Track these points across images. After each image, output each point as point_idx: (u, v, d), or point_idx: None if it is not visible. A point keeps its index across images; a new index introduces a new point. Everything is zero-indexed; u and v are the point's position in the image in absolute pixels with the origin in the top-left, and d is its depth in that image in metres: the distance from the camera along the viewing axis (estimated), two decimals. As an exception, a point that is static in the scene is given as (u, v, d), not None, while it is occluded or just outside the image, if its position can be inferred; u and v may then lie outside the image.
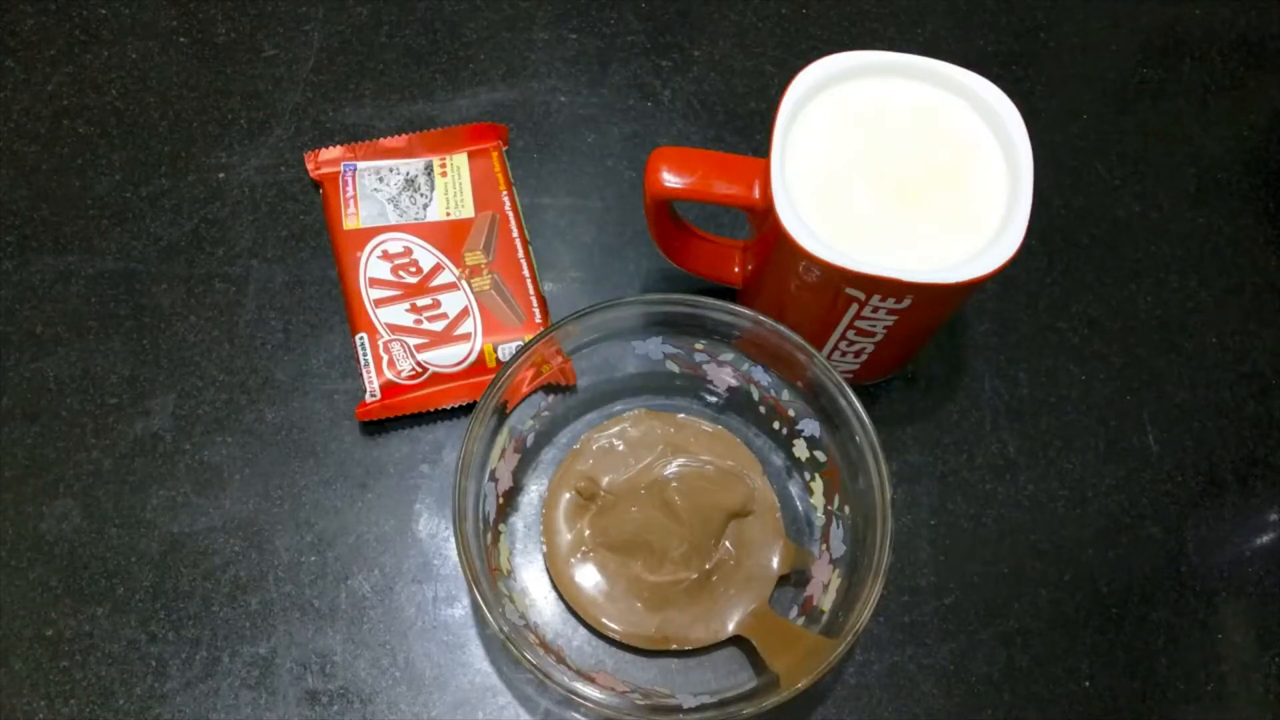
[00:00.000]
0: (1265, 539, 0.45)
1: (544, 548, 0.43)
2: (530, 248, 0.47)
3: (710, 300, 0.40)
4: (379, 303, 0.45)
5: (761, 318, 0.39)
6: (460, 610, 0.42)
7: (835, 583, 0.39)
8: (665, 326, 0.42)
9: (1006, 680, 0.42)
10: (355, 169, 0.48)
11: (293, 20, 0.53)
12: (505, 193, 0.48)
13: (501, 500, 0.42)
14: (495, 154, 0.49)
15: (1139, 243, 0.51)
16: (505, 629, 0.35)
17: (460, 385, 0.44)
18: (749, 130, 0.52)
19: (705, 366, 0.43)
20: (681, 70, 0.53)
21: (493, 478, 0.40)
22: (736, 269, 0.45)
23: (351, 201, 0.47)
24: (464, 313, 0.45)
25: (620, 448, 0.44)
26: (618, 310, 0.40)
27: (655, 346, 0.43)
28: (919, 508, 0.45)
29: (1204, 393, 0.48)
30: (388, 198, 0.47)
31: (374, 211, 0.47)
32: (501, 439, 0.40)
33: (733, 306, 0.40)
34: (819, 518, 0.43)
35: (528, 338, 0.43)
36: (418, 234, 0.46)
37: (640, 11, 0.55)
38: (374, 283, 0.45)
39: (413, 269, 0.46)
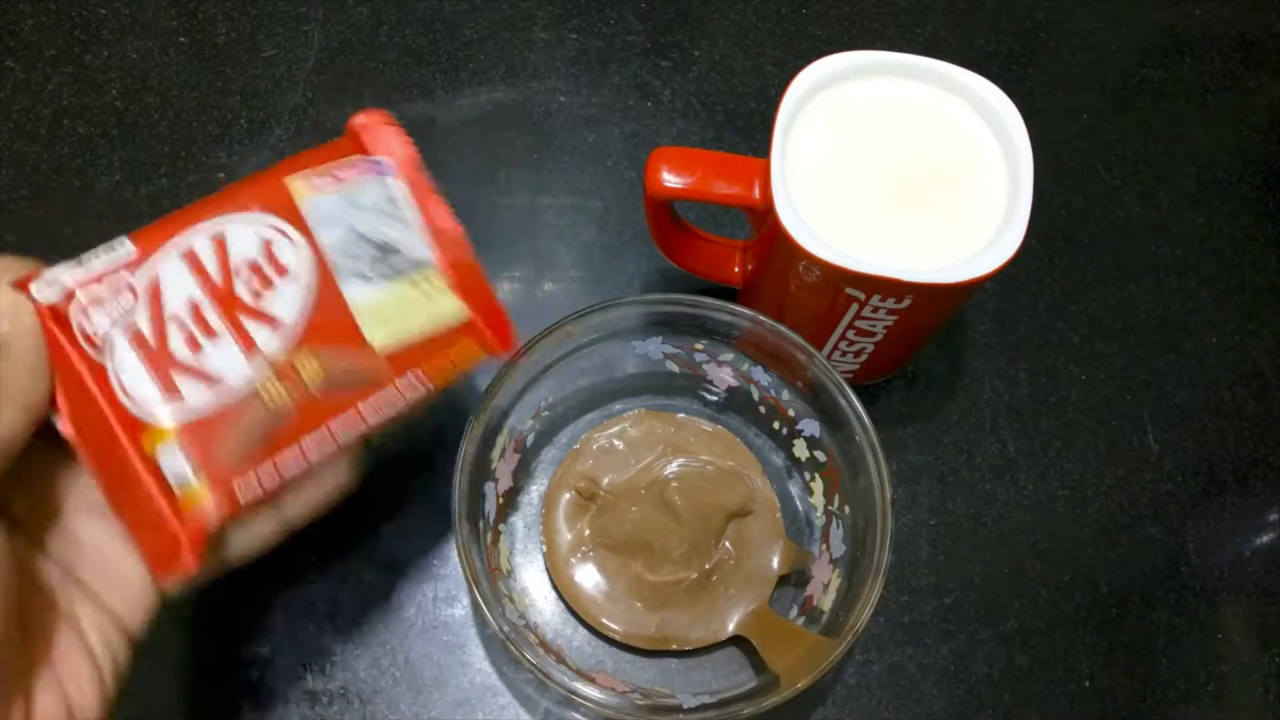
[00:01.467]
0: (1265, 539, 0.45)
1: (544, 548, 0.43)
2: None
3: (710, 300, 0.40)
4: (190, 256, 0.29)
5: (761, 318, 0.39)
6: (460, 610, 0.42)
7: (835, 583, 0.39)
8: (665, 326, 0.42)
9: (1006, 680, 0.42)
10: (385, 176, 0.33)
11: (293, 20, 0.53)
12: (426, 389, 0.32)
13: (501, 500, 0.42)
14: (479, 352, 0.34)
15: (1139, 243, 0.51)
16: (505, 629, 0.35)
17: (89, 408, 0.27)
18: (749, 130, 0.52)
19: (705, 366, 0.43)
20: (681, 70, 0.53)
21: (492, 477, 0.40)
22: (736, 269, 0.45)
23: (332, 180, 0.32)
24: (209, 381, 0.28)
25: (620, 448, 0.44)
26: (618, 310, 0.40)
27: (655, 346, 0.43)
28: (919, 508, 0.45)
29: (1204, 393, 0.48)
30: (356, 228, 0.31)
31: (330, 213, 0.31)
32: (501, 439, 0.40)
33: (733, 306, 0.40)
34: (819, 518, 0.43)
35: (196, 492, 0.28)
36: (319, 280, 0.30)
37: (640, 11, 0.55)
38: (217, 242, 0.29)
39: (259, 287, 0.29)
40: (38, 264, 0.28)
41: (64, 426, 0.27)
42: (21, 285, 0.27)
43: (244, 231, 0.30)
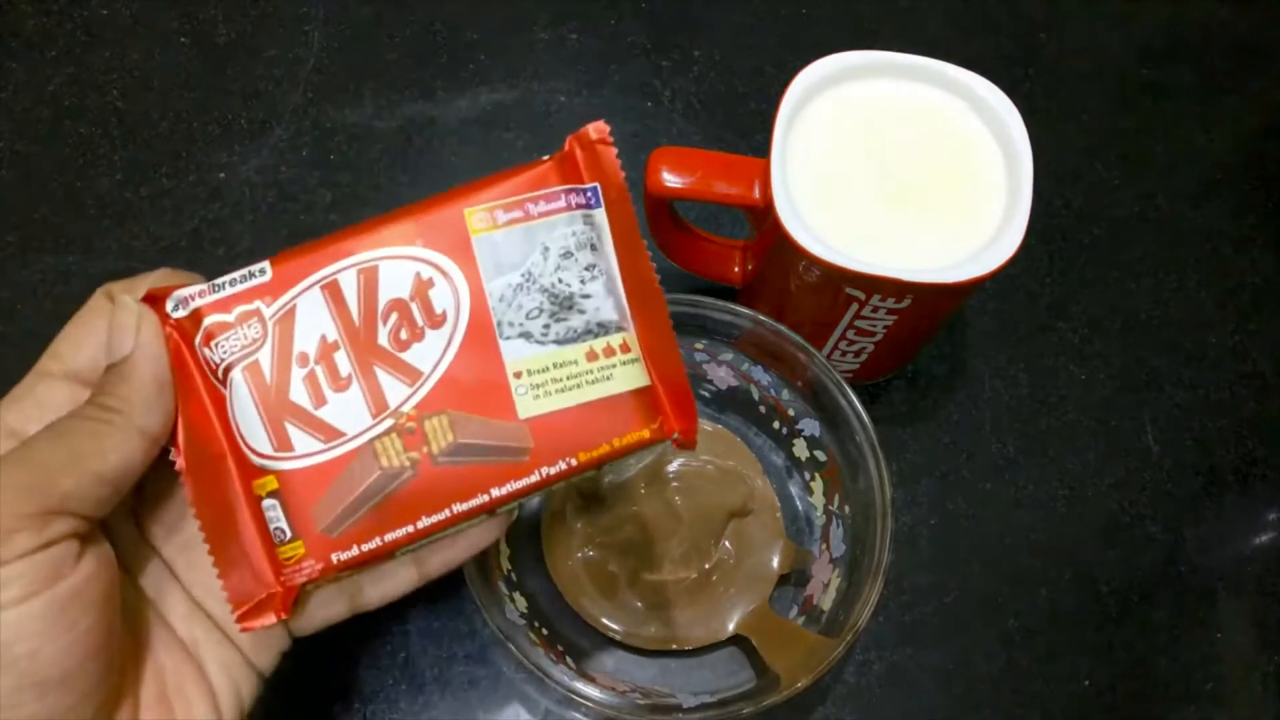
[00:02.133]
0: (1265, 539, 0.45)
1: (544, 547, 0.43)
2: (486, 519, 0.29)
3: (710, 300, 0.40)
4: (330, 289, 0.26)
5: (761, 318, 0.39)
6: (460, 610, 0.42)
7: (835, 582, 0.39)
8: (665, 326, 0.42)
9: (1006, 679, 0.42)
10: (592, 208, 0.27)
11: (293, 20, 0.54)
12: (571, 463, 0.27)
13: (502, 500, 0.42)
14: (650, 436, 0.27)
15: (1139, 243, 0.51)
16: (505, 629, 0.35)
17: (205, 436, 0.26)
18: (749, 130, 0.52)
19: (705, 366, 0.43)
20: (681, 70, 0.53)
21: (493, 477, 0.40)
22: (736, 269, 0.45)
23: (523, 214, 0.27)
24: (325, 434, 0.26)
25: (620, 447, 0.44)
26: (618, 310, 0.40)
27: (655, 346, 0.43)
28: (919, 507, 0.45)
29: (1204, 393, 0.48)
30: (534, 273, 0.27)
31: (510, 257, 0.27)
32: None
33: (733, 306, 0.40)
34: (819, 517, 0.43)
35: (297, 546, 0.26)
36: (471, 332, 0.26)
37: (640, 11, 0.55)
38: (366, 275, 0.26)
39: (405, 334, 0.26)
40: (191, 276, 0.27)
41: (176, 455, 0.26)
42: (152, 300, 0.25)
43: (399, 268, 0.26)
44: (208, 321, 0.25)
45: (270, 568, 0.26)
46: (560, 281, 0.27)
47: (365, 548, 0.26)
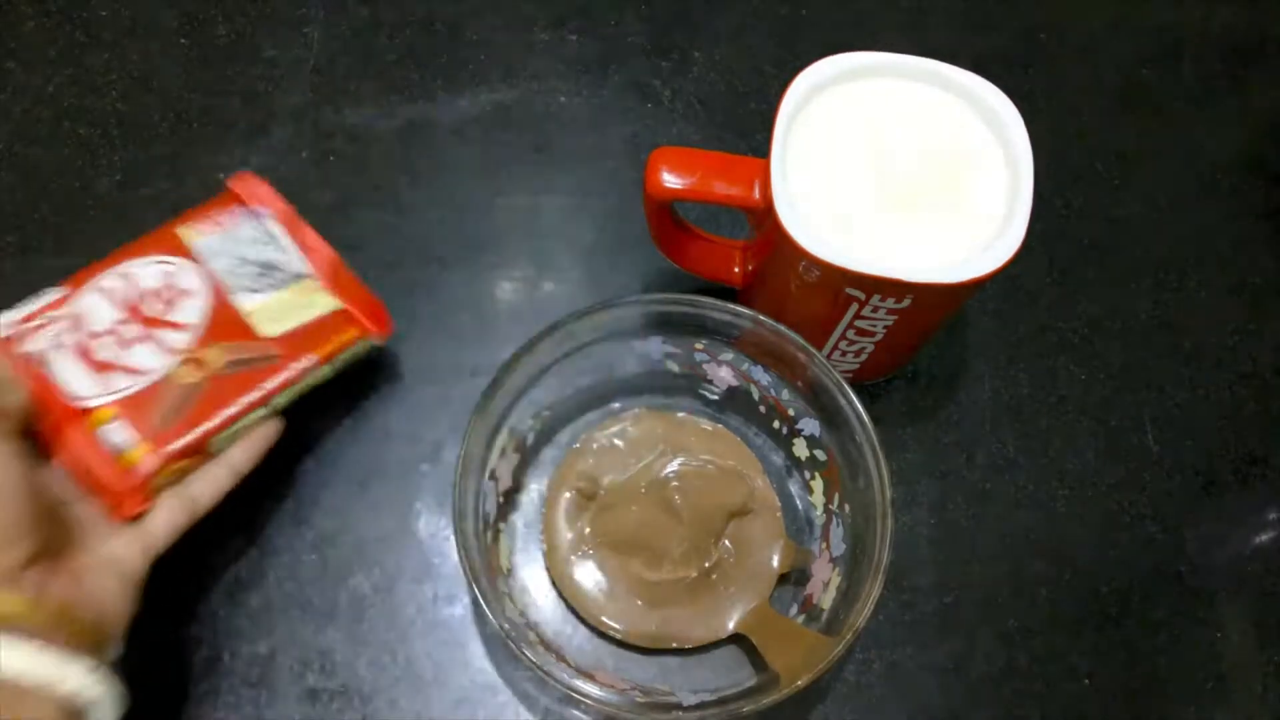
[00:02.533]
0: (1265, 538, 0.45)
1: (544, 546, 0.43)
2: (272, 414, 0.40)
3: (710, 300, 0.40)
4: (104, 291, 0.39)
5: (761, 318, 0.39)
6: (460, 609, 0.42)
7: (835, 581, 0.39)
8: (665, 326, 0.42)
9: (1006, 679, 0.42)
10: (259, 217, 0.42)
11: (293, 21, 0.54)
12: (312, 359, 0.40)
13: (501, 499, 0.42)
14: (355, 334, 0.42)
15: (1139, 243, 0.51)
16: (505, 627, 0.35)
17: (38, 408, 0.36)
18: (749, 130, 0.52)
19: (705, 366, 0.43)
20: (681, 70, 0.53)
21: (493, 477, 0.40)
22: (736, 269, 0.45)
23: (215, 225, 0.41)
24: (133, 374, 0.37)
25: (620, 447, 0.44)
26: (618, 310, 0.40)
27: (655, 346, 0.43)
28: (919, 507, 0.45)
29: (1204, 393, 0.48)
30: (241, 255, 0.41)
31: (215, 248, 0.41)
32: (501, 438, 0.40)
33: (733, 306, 0.40)
34: (819, 516, 0.43)
35: (136, 452, 0.36)
36: (213, 296, 0.40)
37: (640, 12, 0.55)
38: (126, 278, 0.39)
39: (163, 305, 0.39)
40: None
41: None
42: None
43: (146, 269, 0.40)
44: (19, 331, 0.38)
45: (115, 476, 0.36)
46: (258, 255, 0.42)
47: (187, 439, 0.37)
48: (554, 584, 0.42)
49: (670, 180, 0.38)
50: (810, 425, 0.42)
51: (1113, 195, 0.52)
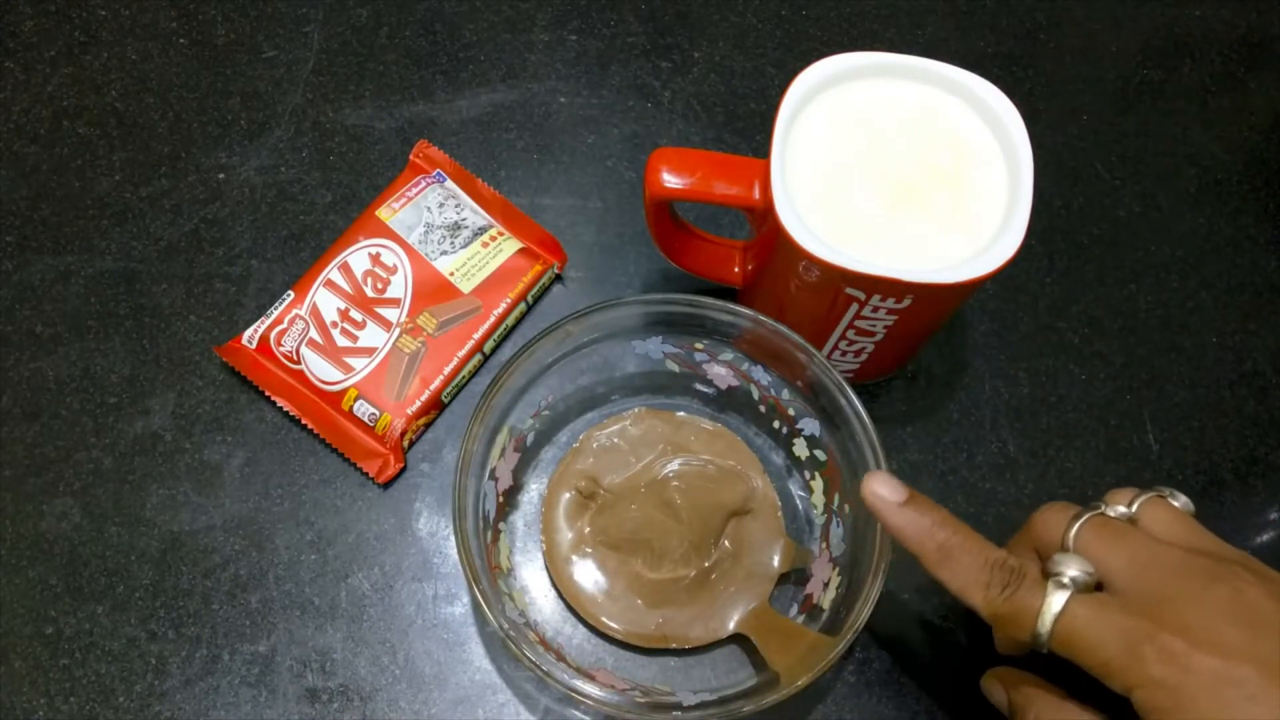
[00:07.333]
0: (1265, 538, 0.45)
1: (544, 546, 0.43)
2: (484, 359, 0.46)
3: (710, 300, 0.40)
4: (329, 284, 0.45)
5: (761, 318, 0.39)
6: (460, 608, 0.42)
7: (835, 581, 0.39)
8: (665, 326, 0.42)
9: (1006, 679, 0.42)
10: (442, 180, 0.48)
11: (293, 21, 0.54)
12: (508, 302, 0.46)
13: (501, 499, 0.42)
14: (541, 268, 0.47)
15: (1139, 243, 0.51)
16: (505, 627, 0.35)
17: (303, 397, 0.44)
18: (749, 130, 0.52)
19: (705, 366, 0.43)
20: (681, 71, 0.53)
21: (492, 476, 0.40)
22: (736, 269, 0.45)
23: (405, 200, 0.47)
24: (367, 353, 0.44)
25: (621, 446, 0.44)
26: (618, 310, 0.40)
27: (655, 346, 0.43)
28: (919, 507, 0.45)
29: (1204, 393, 0.48)
30: (430, 222, 0.47)
31: (409, 222, 0.47)
32: (501, 437, 0.40)
33: (733, 306, 0.40)
34: (819, 516, 0.43)
35: (385, 419, 0.43)
36: (414, 266, 0.46)
37: (640, 12, 0.55)
38: (344, 268, 0.45)
39: (379, 285, 0.45)
40: None
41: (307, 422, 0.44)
42: (234, 342, 0.45)
43: (359, 255, 0.46)
44: (273, 334, 0.45)
45: (376, 441, 0.44)
46: (445, 219, 0.47)
47: (422, 399, 0.44)
48: (553, 584, 0.42)
49: (670, 180, 0.38)
50: (810, 425, 0.42)
51: (1113, 195, 0.52)
